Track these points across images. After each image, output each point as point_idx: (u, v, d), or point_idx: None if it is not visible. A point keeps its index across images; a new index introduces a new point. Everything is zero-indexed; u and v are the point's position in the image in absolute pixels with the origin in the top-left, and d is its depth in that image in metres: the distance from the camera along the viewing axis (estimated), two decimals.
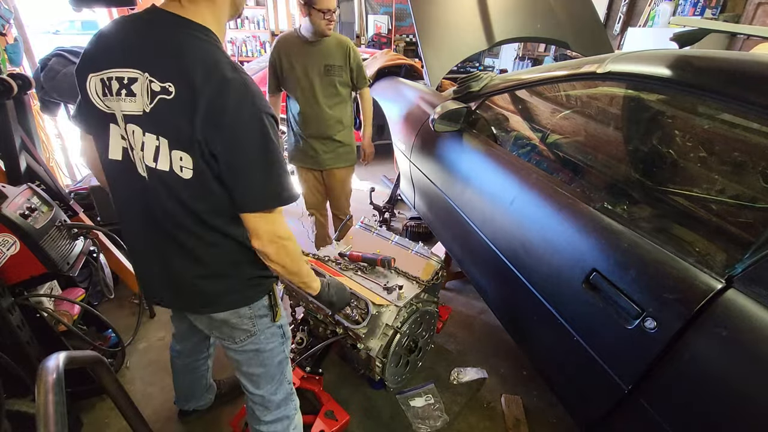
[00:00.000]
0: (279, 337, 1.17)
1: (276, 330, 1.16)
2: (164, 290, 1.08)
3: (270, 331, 1.14)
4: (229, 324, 1.08)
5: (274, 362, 1.18)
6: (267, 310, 1.11)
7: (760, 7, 3.63)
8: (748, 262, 0.82)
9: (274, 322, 1.13)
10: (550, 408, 1.79)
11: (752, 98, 0.88)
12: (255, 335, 1.11)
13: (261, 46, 6.34)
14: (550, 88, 1.69)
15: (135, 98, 0.84)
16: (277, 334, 1.16)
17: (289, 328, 1.24)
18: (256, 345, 1.13)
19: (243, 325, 1.08)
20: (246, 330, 1.10)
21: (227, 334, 1.11)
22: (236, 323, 1.08)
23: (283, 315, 1.18)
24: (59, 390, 0.79)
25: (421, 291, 1.62)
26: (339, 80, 2.17)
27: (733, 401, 0.79)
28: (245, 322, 1.08)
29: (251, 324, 1.09)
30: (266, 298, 1.10)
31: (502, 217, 1.48)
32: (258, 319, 1.10)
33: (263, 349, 1.15)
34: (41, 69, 2.93)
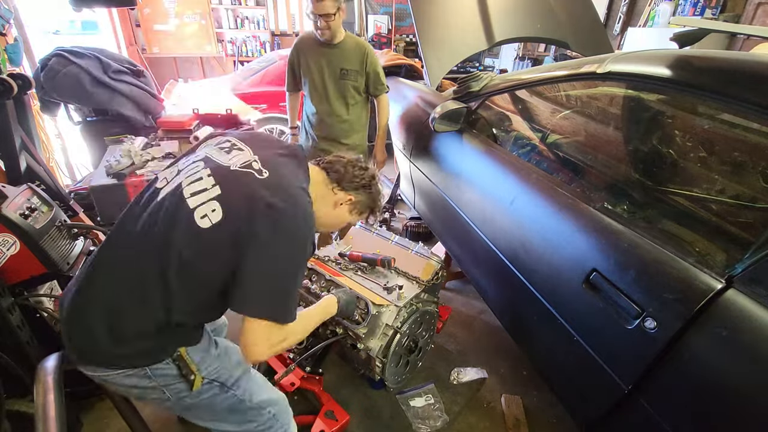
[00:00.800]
0: (215, 390, 1.00)
1: (205, 388, 0.98)
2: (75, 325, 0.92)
3: (194, 393, 0.96)
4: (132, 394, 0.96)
5: (221, 409, 1.03)
6: (176, 379, 0.93)
7: (760, 7, 3.62)
8: (748, 262, 0.82)
9: (191, 391, 0.95)
10: (550, 408, 1.79)
11: (752, 98, 0.88)
12: (171, 401, 0.96)
13: (261, 46, 6.33)
14: (550, 88, 1.69)
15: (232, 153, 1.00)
16: (210, 389, 0.99)
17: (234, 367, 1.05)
18: (181, 405, 0.99)
19: (151, 395, 0.95)
20: (156, 398, 0.96)
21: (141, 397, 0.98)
22: (139, 394, 0.95)
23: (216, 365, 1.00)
24: (59, 390, 0.79)
25: (421, 291, 1.62)
26: (353, 85, 2.17)
27: (733, 401, 0.79)
28: (150, 392, 0.94)
29: (160, 392, 0.94)
30: (173, 365, 0.92)
31: (502, 217, 1.47)
32: (167, 388, 0.94)
33: (196, 406, 1.00)
34: (41, 69, 2.93)
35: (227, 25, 6.12)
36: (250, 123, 3.16)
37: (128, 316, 0.88)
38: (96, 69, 3.04)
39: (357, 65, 2.14)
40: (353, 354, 1.57)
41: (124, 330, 0.88)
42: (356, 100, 2.23)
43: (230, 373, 1.04)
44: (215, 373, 1.00)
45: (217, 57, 6.16)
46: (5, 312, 1.32)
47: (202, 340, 1.01)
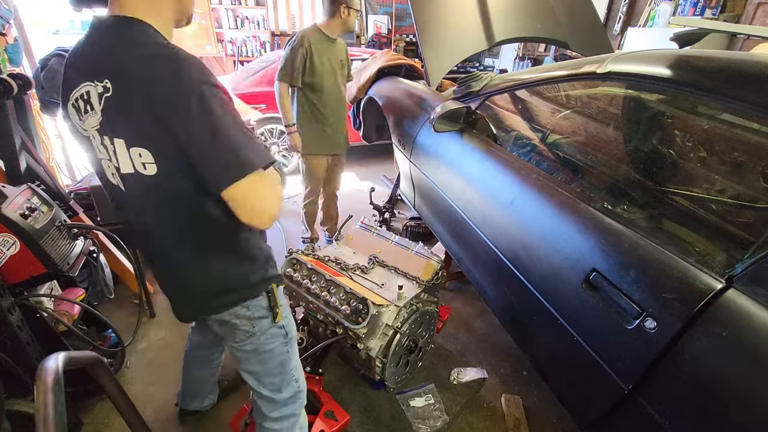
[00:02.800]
0: (281, 338, 1.15)
1: (276, 331, 1.13)
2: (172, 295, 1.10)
3: (270, 332, 1.12)
4: (229, 324, 1.08)
5: (275, 362, 1.17)
6: (266, 312, 1.09)
7: (760, 7, 3.62)
8: (748, 262, 0.82)
9: (274, 323, 1.11)
10: (550, 408, 1.79)
11: (752, 98, 0.88)
12: (254, 336, 1.10)
13: (261, 46, 6.33)
14: (550, 88, 1.69)
15: (94, 110, 0.81)
16: (278, 335, 1.14)
17: (293, 326, 1.21)
18: (254, 345, 1.12)
19: (242, 326, 1.08)
20: (245, 331, 1.09)
21: (228, 332, 1.11)
22: (236, 324, 1.07)
23: (285, 315, 1.16)
24: (59, 390, 0.79)
25: (421, 291, 1.62)
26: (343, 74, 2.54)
27: (733, 401, 0.79)
28: (244, 323, 1.07)
29: (250, 325, 1.08)
30: (265, 299, 1.08)
31: (502, 217, 1.48)
32: (257, 321, 1.08)
33: (261, 350, 1.13)
34: (41, 69, 2.93)
35: (227, 25, 6.12)
36: (250, 123, 3.15)
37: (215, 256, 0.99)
38: None
39: (345, 56, 2.52)
40: (353, 354, 1.57)
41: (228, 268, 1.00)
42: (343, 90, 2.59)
43: (291, 327, 1.18)
44: (285, 320, 1.15)
45: (217, 57, 6.16)
46: (5, 312, 1.32)
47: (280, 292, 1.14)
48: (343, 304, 1.50)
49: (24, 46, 2.83)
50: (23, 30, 2.96)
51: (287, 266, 1.72)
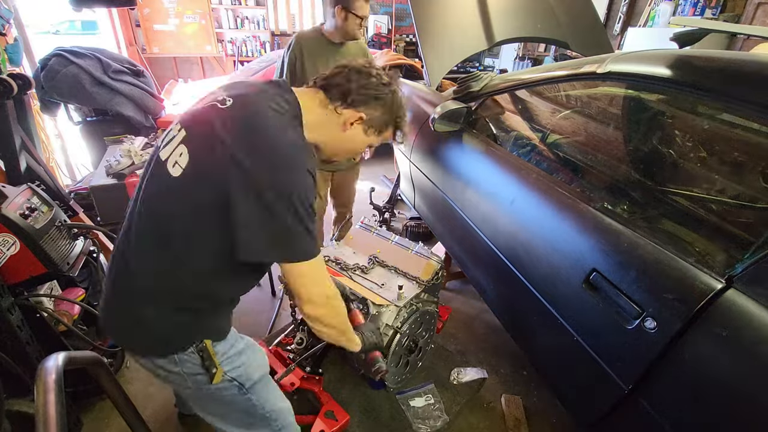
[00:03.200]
0: (233, 389, 0.98)
1: (225, 385, 0.96)
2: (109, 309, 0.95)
3: (216, 386, 0.94)
4: (158, 375, 0.95)
5: (234, 409, 1.01)
6: (200, 369, 0.91)
7: (760, 7, 3.62)
8: (748, 262, 0.82)
9: (211, 384, 0.93)
10: (550, 408, 1.79)
11: (752, 98, 0.88)
12: (191, 389, 0.96)
13: (261, 46, 6.32)
14: (550, 88, 1.69)
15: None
16: (229, 388, 0.97)
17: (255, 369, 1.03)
18: (198, 395, 0.98)
19: (174, 379, 0.94)
20: (179, 384, 0.95)
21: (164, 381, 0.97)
22: (165, 376, 0.93)
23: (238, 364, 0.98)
24: (59, 390, 0.79)
25: (421, 291, 1.62)
26: None
27: (733, 401, 0.79)
28: (174, 377, 0.92)
29: (182, 380, 0.93)
30: (196, 356, 0.90)
31: (502, 217, 1.48)
32: (191, 377, 0.93)
33: (212, 399, 0.99)
34: (41, 69, 2.94)
35: (227, 25, 6.11)
36: None
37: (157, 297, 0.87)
38: (96, 69, 3.04)
39: None
40: (353, 354, 1.57)
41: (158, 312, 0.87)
42: None
43: (249, 374, 1.00)
44: (236, 372, 0.97)
45: (217, 57, 6.15)
46: (5, 312, 1.32)
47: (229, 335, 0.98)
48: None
49: (24, 46, 2.83)
50: (23, 30, 2.96)
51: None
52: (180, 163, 0.83)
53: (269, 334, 2.13)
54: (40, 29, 12.03)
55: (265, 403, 1.04)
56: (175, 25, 5.71)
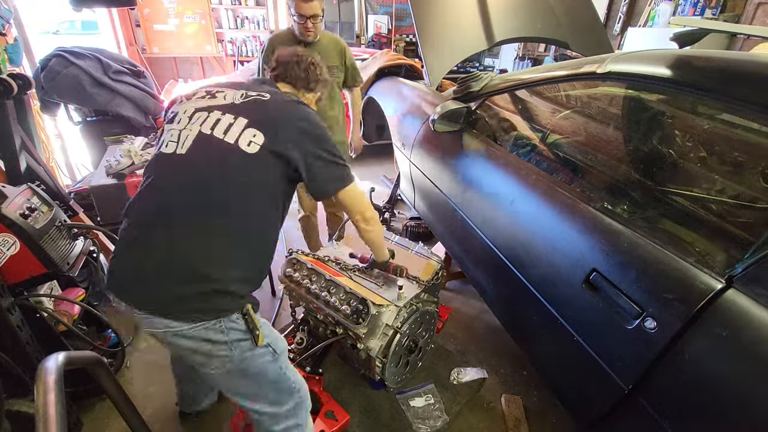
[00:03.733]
0: (269, 356, 1.09)
1: (262, 350, 1.07)
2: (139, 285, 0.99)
3: (255, 353, 1.05)
4: (201, 352, 1.00)
5: (267, 380, 1.11)
6: (244, 335, 1.03)
7: (760, 7, 3.62)
8: (748, 262, 0.82)
9: (256, 346, 1.05)
10: (550, 408, 1.79)
11: (752, 98, 0.88)
12: (232, 360, 1.03)
13: (261, 46, 6.33)
14: (550, 88, 1.69)
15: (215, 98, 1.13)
16: (264, 354, 1.08)
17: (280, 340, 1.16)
18: (238, 368, 1.05)
19: (218, 352, 1.00)
20: (222, 356, 1.01)
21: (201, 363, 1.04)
22: (209, 350, 1.00)
23: (267, 333, 1.09)
24: (59, 390, 0.79)
25: (421, 291, 1.62)
26: (336, 81, 2.21)
27: (733, 401, 0.79)
28: (220, 348, 1.00)
29: (227, 349, 1.01)
30: (242, 321, 1.02)
31: (502, 217, 1.48)
32: (234, 344, 1.02)
33: (248, 372, 1.07)
34: (41, 69, 2.93)
35: (227, 25, 6.11)
36: None
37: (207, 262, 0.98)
38: (96, 70, 3.04)
39: (337, 61, 2.18)
40: (353, 354, 1.57)
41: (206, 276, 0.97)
42: (337, 96, 2.27)
43: (277, 343, 1.14)
44: (270, 338, 1.10)
45: (217, 57, 6.15)
46: (5, 312, 1.32)
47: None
48: (343, 304, 1.50)
49: (24, 46, 2.83)
50: (23, 30, 2.96)
51: (287, 266, 1.72)
52: (255, 142, 1.03)
53: None
54: (41, 29, 12.04)
55: (291, 373, 1.18)
56: (175, 25, 5.70)
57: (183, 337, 0.98)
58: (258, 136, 1.03)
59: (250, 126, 1.04)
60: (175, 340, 0.99)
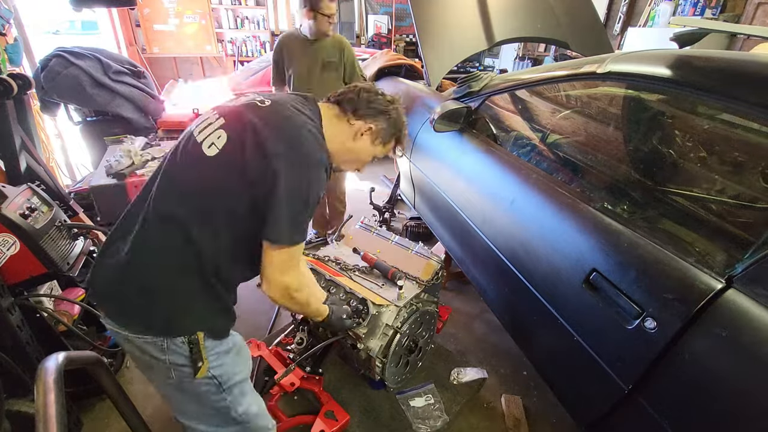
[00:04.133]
0: (212, 387, 0.99)
1: (204, 381, 0.98)
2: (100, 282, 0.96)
3: (194, 382, 0.97)
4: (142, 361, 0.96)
5: (207, 407, 1.02)
6: (186, 361, 0.94)
7: (760, 7, 3.62)
8: (748, 262, 0.82)
9: (194, 378, 0.95)
10: (550, 408, 1.79)
11: (752, 98, 0.88)
12: (173, 380, 0.97)
13: (261, 46, 6.33)
14: (550, 88, 1.69)
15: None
16: (207, 385, 0.99)
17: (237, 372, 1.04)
18: (179, 388, 0.99)
19: (158, 367, 0.95)
20: (162, 372, 0.97)
21: (143, 370, 1.01)
22: (148, 362, 0.95)
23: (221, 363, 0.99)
24: (59, 390, 0.79)
25: (421, 291, 1.62)
26: (336, 75, 2.40)
27: (733, 401, 0.79)
28: (160, 365, 0.94)
29: (167, 369, 0.95)
30: (186, 347, 0.93)
31: (502, 217, 1.47)
32: (174, 367, 0.94)
33: (188, 395, 1.00)
34: (41, 69, 2.94)
35: (227, 25, 6.12)
36: None
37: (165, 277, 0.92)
38: (96, 70, 3.04)
39: (337, 57, 2.39)
40: (353, 354, 1.57)
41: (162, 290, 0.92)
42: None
43: (230, 375, 1.02)
44: (217, 370, 0.99)
45: (217, 57, 6.16)
46: (5, 312, 1.32)
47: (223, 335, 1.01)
48: (343, 304, 1.50)
49: (24, 46, 2.83)
50: (23, 30, 2.96)
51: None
52: (216, 144, 0.92)
53: (269, 334, 2.13)
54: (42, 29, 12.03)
55: (238, 406, 1.05)
56: (175, 25, 5.71)
57: (126, 341, 0.95)
58: (222, 137, 0.92)
59: (223, 128, 0.94)
60: (120, 341, 0.97)
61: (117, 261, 0.93)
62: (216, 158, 0.91)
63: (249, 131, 0.91)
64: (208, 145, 0.93)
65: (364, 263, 1.72)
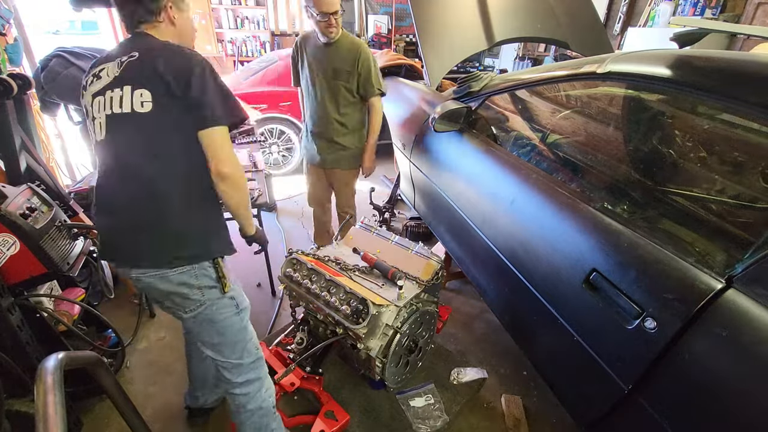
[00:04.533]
0: (232, 308, 1.22)
1: (227, 302, 1.20)
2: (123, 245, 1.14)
3: (221, 302, 1.19)
4: (180, 294, 1.14)
5: (232, 331, 1.24)
6: (214, 282, 1.16)
7: (760, 7, 3.62)
8: (748, 262, 0.82)
9: (223, 294, 1.18)
10: (550, 408, 1.79)
11: (752, 98, 0.88)
12: (204, 304, 1.17)
13: (261, 46, 6.33)
14: (550, 88, 1.69)
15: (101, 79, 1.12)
16: (229, 305, 1.21)
17: (244, 298, 1.28)
18: (207, 315, 1.19)
19: (192, 295, 1.15)
20: (195, 300, 1.16)
21: (179, 304, 1.17)
22: (185, 293, 1.14)
23: (234, 287, 1.22)
24: (59, 390, 0.79)
25: (421, 291, 1.62)
26: (345, 85, 2.12)
27: (733, 401, 0.79)
28: (194, 292, 1.14)
29: (200, 294, 1.15)
30: (213, 270, 1.15)
31: (502, 217, 1.48)
32: (206, 290, 1.16)
33: (215, 320, 1.20)
34: (41, 70, 2.93)
35: (227, 25, 6.12)
36: (250, 123, 3.15)
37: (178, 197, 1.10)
38: None
39: (349, 65, 2.08)
40: (353, 354, 1.57)
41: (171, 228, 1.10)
42: (349, 101, 2.17)
43: (241, 300, 1.26)
44: (234, 291, 1.22)
45: (217, 57, 6.16)
46: (5, 312, 1.32)
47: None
48: (343, 304, 1.50)
49: (24, 46, 2.83)
50: (23, 30, 2.95)
51: (287, 266, 1.72)
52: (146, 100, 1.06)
53: (269, 334, 2.13)
54: (43, 29, 12.04)
55: (249, 330, 1.30)
56: None
57: (163, 280, 1.12)
58: (144, 93, 1.06)
59: (135, 88, 1.07)
60: (155, 283, 1.13)
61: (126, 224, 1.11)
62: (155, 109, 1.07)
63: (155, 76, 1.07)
64: (139, 104, 1.06)
65: (364, 263, 1.72)
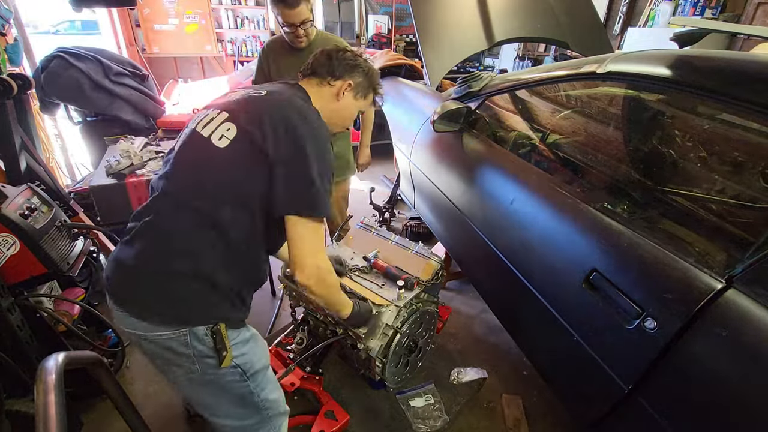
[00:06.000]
0: (236, 376, 1.02)
1: (229, 371, 1.00)
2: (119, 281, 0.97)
3: (218, 372, 0.99)
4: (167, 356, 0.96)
5: (231, 396, 1.04)
6: (211, 352, 0.95)
7: (760, 7, 3.62)
8: (748, 262, 0.82)
9: (219, 368, 0.97)
10: (550, 408, 1.79)
11: (753, 98, 0.88)
12: (196, 374, 0.98)
13: (261, 46, 6.33)
14: (550, 88, 1.69)
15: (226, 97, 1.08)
16: (232, 374, 1.01)
17: (257, 360, 1.07)
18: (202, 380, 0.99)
19: (180, 362, 0.96)
20: (185, 367, 0.97)
21: (164, 366, 1.00)
22: (170, 359, 0.96)
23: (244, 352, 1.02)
24: (59, 390, 0.79)
25: (421, 291, 1.62)
26: None
27: (733, 401, 0.79)
28: (182, 360, 0.95)
29: (190, 363, 0.96)
30: (209, 338, 0.94)
31: (502, 217, 1.47)
32: (199, 360, 0.95)
33: (211, 387, 1.02)
34: (41, 70, 2.93)
35: (227, 25, 6.12)
36: None
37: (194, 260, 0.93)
38: (96, 72, 3.04)
39: None
40: (353, 354, 1.57)
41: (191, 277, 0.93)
42: None
43: (252, 363, 1.05)
44: (241, 359, 1.02)
45: (217, 57, 6.16)
46: (5, 312, 1.32)
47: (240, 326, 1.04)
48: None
49: (24, 46, 2.83)
50: (23, 30, 2.96)
51: (287, 266, 1.72)
52: (227, 136, 0.96)
53: (269, 334, 2.13)
54: (43, 29, 12.03)
55: (261, 392, 1.08)
56: (175, 25, 5.71)
57: (145, 341, 0.95)
58: (231, 129, 0.96)
59: (229, 120, 0.98)
60: (140, 342, 0.97)
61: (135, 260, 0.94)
62: (229, 148, 0.95)
63: (257, 117, 0.96)
64: (218, 137, 0.97)
65: (364, 263, 1.72)
